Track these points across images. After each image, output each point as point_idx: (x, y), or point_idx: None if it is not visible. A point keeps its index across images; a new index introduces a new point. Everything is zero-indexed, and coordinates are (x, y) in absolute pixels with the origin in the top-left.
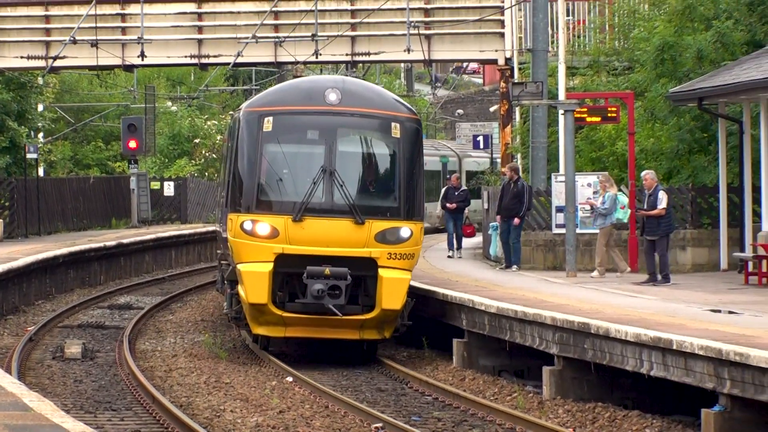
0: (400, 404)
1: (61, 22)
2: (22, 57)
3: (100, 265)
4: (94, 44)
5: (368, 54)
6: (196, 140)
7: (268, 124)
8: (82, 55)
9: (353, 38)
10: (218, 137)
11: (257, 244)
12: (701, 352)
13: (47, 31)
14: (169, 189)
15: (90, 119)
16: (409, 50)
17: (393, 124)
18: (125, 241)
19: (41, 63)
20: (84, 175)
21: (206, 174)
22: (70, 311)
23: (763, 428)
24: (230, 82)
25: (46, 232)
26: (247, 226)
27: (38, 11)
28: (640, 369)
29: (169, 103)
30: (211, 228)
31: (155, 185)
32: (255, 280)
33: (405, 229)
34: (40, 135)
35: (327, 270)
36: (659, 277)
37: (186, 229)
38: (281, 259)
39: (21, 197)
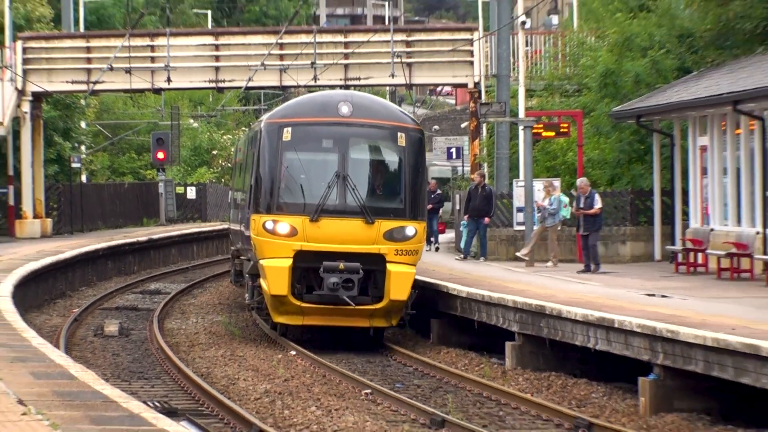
0: (386, 374)
1: (100, 53)
2: (67, 82)
3: (134, 257)
4: (128, 71)
5: (359, 79)
6: (214, 152)
7: (287, 134)
8: (118, 80)
9: (346, 66)
10: (232, 149)
11: (278, 241)
12: (638, 330)
13: (88, 60)
14: (191, 193)
15: (124, 134)
16: (393, 75)
17: (399, 133)
18: (155, 236)
19: (83, 87)
20: (119, 182)
21: (222, 180)
22: (108, 296)
23: (690, 393)
24: (242, 102)
25: (87, 230)
26: (269, 225)
27: (81, 43)
28: (587, 344)
29: (191, 121)
30: (225, 226)
31: (180, 190)
32: (276, 274)
33: (410, 228)
34: (83, 147)
35: (341, 265)
36: (592, 266)
37: (206, 227)
38: (299, 255)
39: (67, 200)
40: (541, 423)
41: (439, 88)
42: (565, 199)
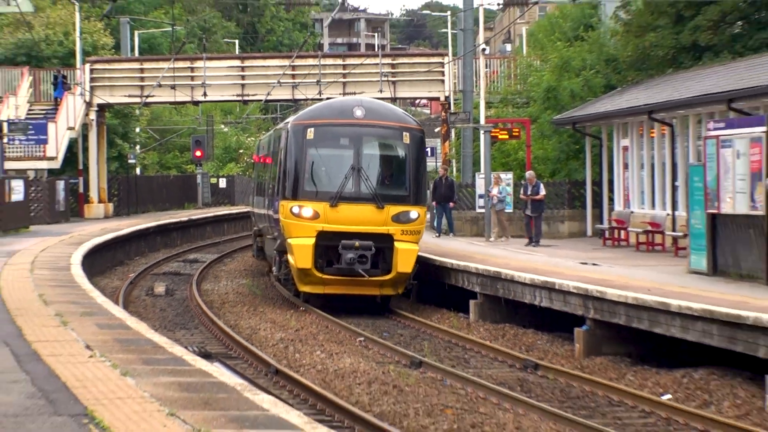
0: (375, 325)
1: (150, 73)
2: (125, 96)
3: (177, 233)
4: (173, 87)
5: (354, 93)
6: (240, 151)
7: (310, 133)
8: (165, 94)
9: (344, 83)
10: (253, 148)
11: (303, 223)
12: (574, 291)
13: (141, 79)
14: (222, 183)
15: (170, 137)
16: (381, 90)
17: (404, 133)
18: (194, 217)
19: (137, 99)
20: (166, 174)
21: (246, 173)
22: (157, 264)
23: (614, 341)
24: (263, 112)
25: (140, 212)
26: (295, 210)
27: (136, 65)
28: (534, 301)
29: (222, 126)
30: (248, 209)
31: (213, 180)
32: (302, 251)
33: (414, 212)
34: (137, 147)
35: (357, 243)
36: (536, 241)
37: (233, 210)
38: (321, 235)
39: (124, 189)
40: (497, 363)
41: (417, 101)
42: (509, 189)
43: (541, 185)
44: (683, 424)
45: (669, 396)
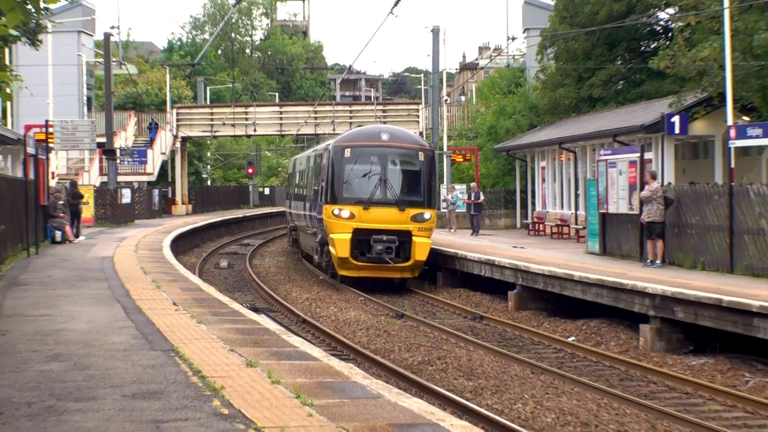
0: (371, 291)
1: (217, 115)
2: (199, 131)
3: (235, 226)
4: (233, 125)
5: None
6: (279, 169)
7: (348, 152)
8: (227, 130)
9: (350, 123)
10: (288, 168)
11: (342, 222)
12: (508, 265)
13: (211, 119)
14: (266, 191)
15: (230, 159)
16: None
17: (419, 152)
18: (247, 214)
19: (208, 133)
20: (228, 185)
21: (283, 184)
22: (221, 247)
23: (536, 300)
24: (295, 142)
25: (210, 211)
26: (336, 212)
27: (207, 110)
28: (481, 273)
29: (267, 152)
30: (283, 209)
31: (260, 189)
32: (342, 243)
33: (427, 213)
34: (208, 166)
35: (384, 237)
36: (476, 232)
37: (274, 210)
38: (356, 231)
39: (199, 194)
40: (455, 316)
41: None
42: (460, 195)
43: (481, 193)
44: (582, 357)
45: (573, 338)
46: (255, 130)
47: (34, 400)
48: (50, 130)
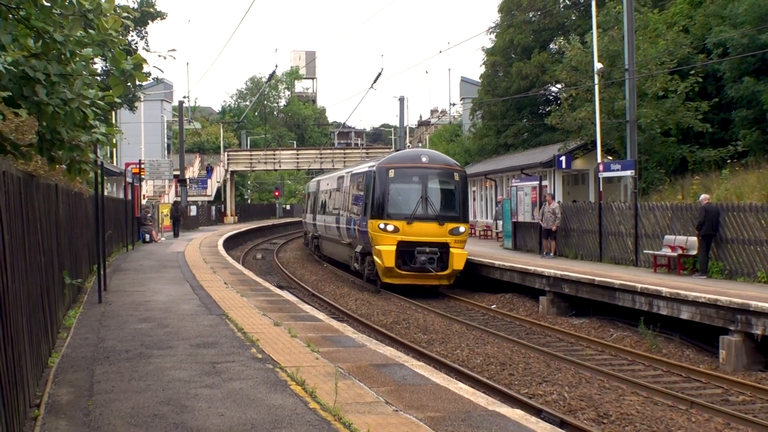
0: (357, 275)
1: (255, 156)
2: (243, 167)
3: (267, 230)
4: (265, 162)
5: (347, 166)
6: (296, 192)
7: (392, 173)
8: (261, 166)
9: (344, 161)
10: (302, 190)
11: (388, 235)
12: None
13: (251, 158)
14: (288, 207)
15: (264, 185)
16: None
17: (454, 173)
18: (275, 223)
19: (249, 168)
20: (262, 203)
21: (300, 203)
22: (257, 245)
23: (469, 280)
24: (307, 174)
25: (250, 221)
26: (382, 226)
27: (247, 152)
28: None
29: (288, 181)
30: (299, 219)
31: (284, 206)
32: (388, 254)
33: (462, 227)
34: (249, 190)
35: (427, 249)
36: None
37: (294, 219)
38: (400, 243)
39: (242, 209)
40: (415, 292)
41: None
42: None
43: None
44: (501, 319)
45: (495, 306)
46: (280, 166)
47: (131, 348)
48: (142, 166)
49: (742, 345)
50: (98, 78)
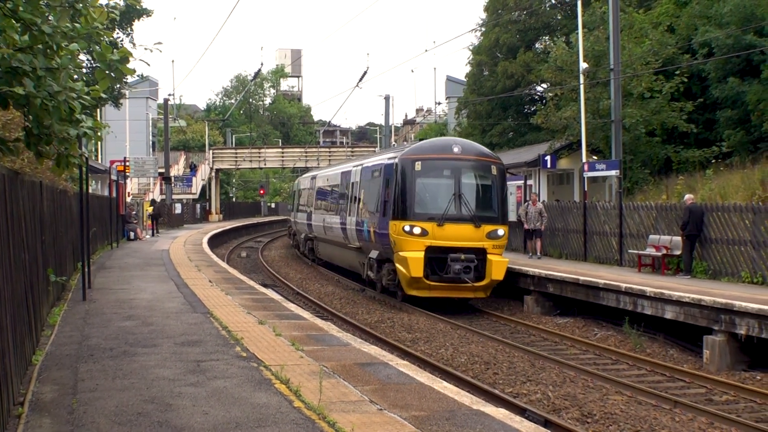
0: (342, 272)
1: (240, 153)
2: (228, 165)
3: (251, 228)
4: (250, 161)
5: (333, 165)
6: (281, 190)
7: (419, 165)
8: (246, 164)
9: (329, 159)
10: (288, 189)
11: (414, 239)
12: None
13: (236, 156)
14: (273, 206)
15: (249, 183)
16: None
17: (492, 166)
18: (260, 221)
19: (234, 166)
20: (247, 201)
21: (285, 201)
22: (242, 243)
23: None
24: (292, 172)
25: (234, 219)
26: (407, 228)
27: (232, 150)
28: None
29: (273, 179)
30: (286, 217)
31: (270, 203)
32: (416, 262)
33: (500, 230)
34: (234, 188)
35: (462, 256)
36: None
37: (279, 218)
38: (428, 249)
39: (227, 207)
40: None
41: None
42: None
43: None
44: (485, 318)
45: (479, 305)
46: (265, 164)
47: (115, 346)
48: (127, 163)
49: (726, 345)
50: (84, 71)
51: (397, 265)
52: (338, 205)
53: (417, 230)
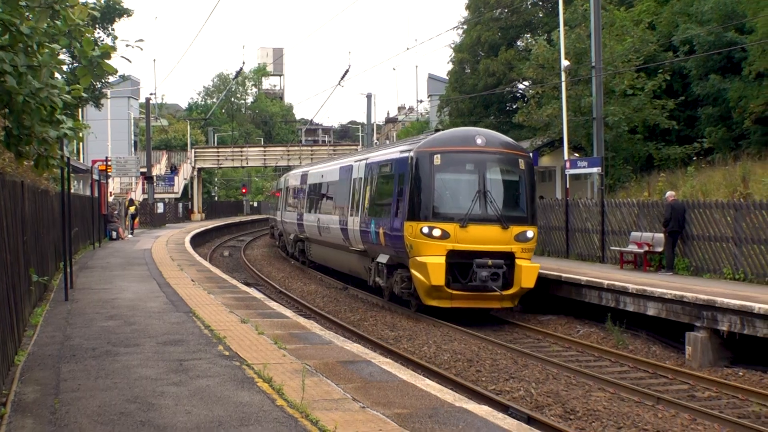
0: (327, 272)
1: (222, 152)
2: (210, 164)
3: (234, 227)
4: (232, 159)
5: (315, 163)
6: (263, 189)
7: (437, 159)
8: (228, 163)
9: (311, 158)
10: (270, 188)
11: (434, 243)
12: None
13: (218, 156)
14: (255, 204)
15: (231, 182)
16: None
17: (519, 159)
18: (242, 220)
19: (216, 165)
20: (229, 200)
21: (267, 200)
22: (224, 242)
23: None
24: (274, 171)
25: (217, 218)
26: (425, 230)
27: (214, 149)
28: None
29: (256, 178)
30: (267, 216)
31: (252, 202)
32: (436, 269)
33: (530, 232)
34: (216, 187)
35: (490, 261)
36: None
37: (261, 216)
38: (450, 254)
39: (209, 206)
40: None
41: None
42: None
43: None
44: (469, 316)
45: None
46: (247, 163)
47: (97, 346)
48: (109, 163)
49: (708, 341)
50: (65, 68)
51: (413, 271)
52: (337, 203)
53: (437, 232)
